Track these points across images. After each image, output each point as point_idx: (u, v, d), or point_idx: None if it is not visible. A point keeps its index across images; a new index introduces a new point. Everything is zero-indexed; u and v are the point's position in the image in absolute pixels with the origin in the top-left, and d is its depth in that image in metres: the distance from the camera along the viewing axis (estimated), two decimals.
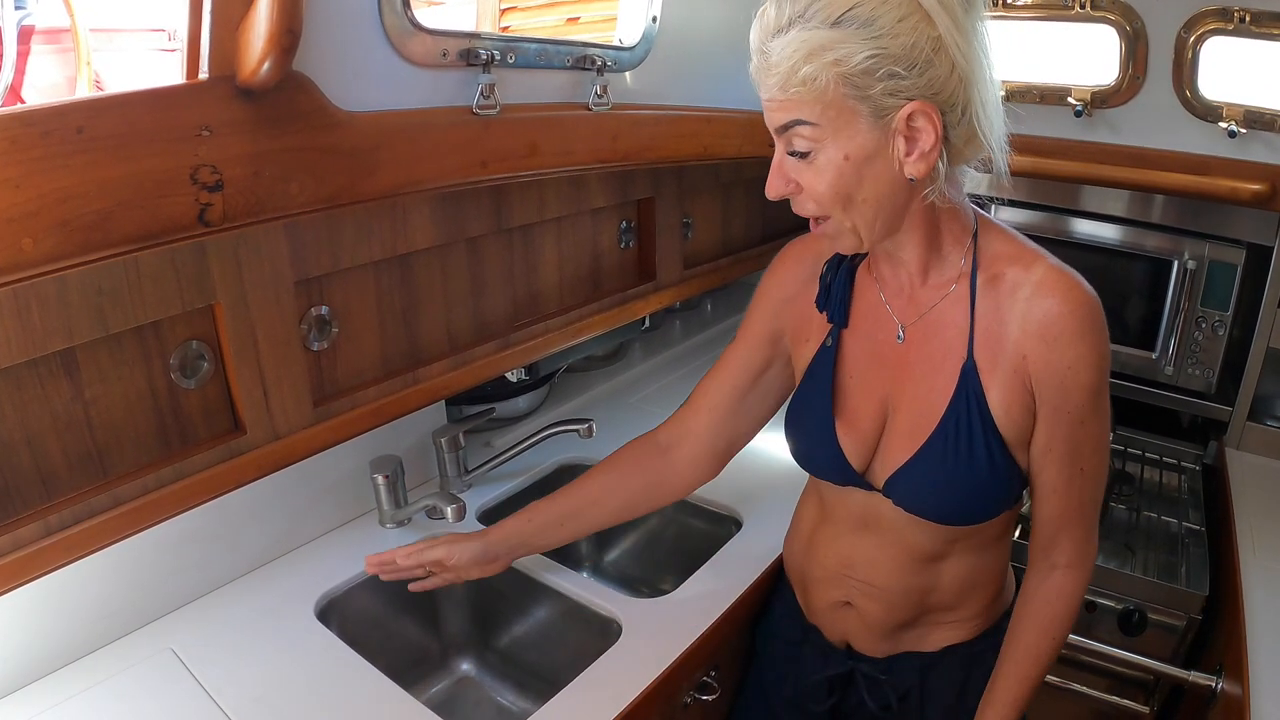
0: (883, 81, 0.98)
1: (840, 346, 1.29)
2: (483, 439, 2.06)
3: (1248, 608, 1.64)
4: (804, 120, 1.03)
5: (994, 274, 1.15)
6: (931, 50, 0.98)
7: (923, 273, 1.19)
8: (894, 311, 1.24)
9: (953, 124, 1.02)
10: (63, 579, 1.24)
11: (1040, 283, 1.12)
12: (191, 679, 1.35)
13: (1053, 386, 1.12)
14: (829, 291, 1.29)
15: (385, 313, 1.55)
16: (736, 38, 1.94)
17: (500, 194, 1.65)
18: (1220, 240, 2.22)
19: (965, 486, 1.18)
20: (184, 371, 1.28)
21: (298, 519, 1.66)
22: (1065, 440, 1.16)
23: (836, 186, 1.06)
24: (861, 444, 1.26)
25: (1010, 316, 1.13)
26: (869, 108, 1.00)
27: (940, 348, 1.19)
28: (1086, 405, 1.13)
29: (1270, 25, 1.87)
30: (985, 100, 1.03)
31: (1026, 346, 1.12)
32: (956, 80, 1.00)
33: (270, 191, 1.16)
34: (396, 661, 1.61)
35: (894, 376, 1.24)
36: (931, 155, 1.02)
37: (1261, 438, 2.29)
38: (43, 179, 0.94)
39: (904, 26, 0.96)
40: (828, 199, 1.08)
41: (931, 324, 1.20)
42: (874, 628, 1.38)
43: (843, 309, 1.28)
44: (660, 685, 1.36)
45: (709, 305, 3.13)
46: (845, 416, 1.27)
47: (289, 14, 1.01)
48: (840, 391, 1.28)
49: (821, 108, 1.01)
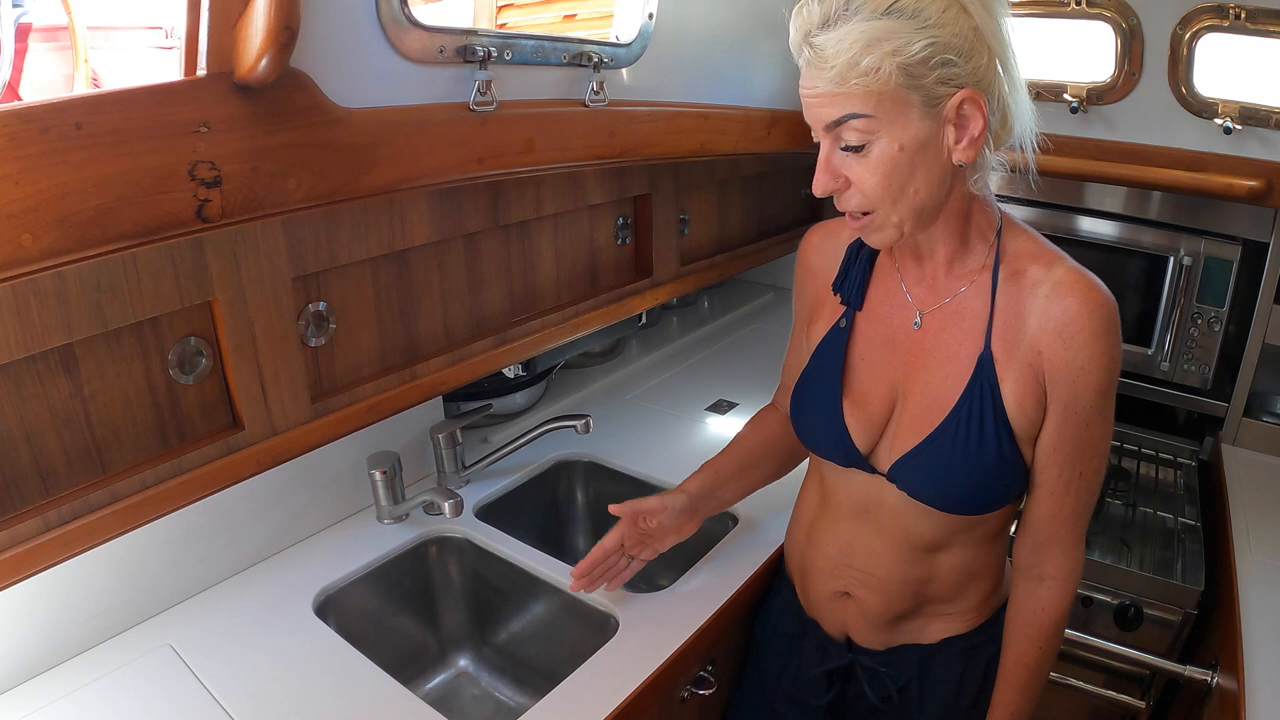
0: (936, 70, 1.00)
1: (853, 329, 1.31)
2: (480, 435, 2.07)
3: (1243, 603, 1.65)
4: (858, 114, 1.02)
5: (1016, 269, 1.17)
6: (974, 39, 1.01)
7: (948, 262, 1.21)
8: (913, 299, 1.26)
9: (992, 111, 1.06)
10: (61, 575, 1.25)
11: (1060, 282, 1.13)
12: (190, 674, 1.35)
13: (1065, 384, 1.14)
14: (847, 275, 1.32)
15: (383, 309, 1.55)
16: (732, 35, 1.97)
17: (498, 190, 1.66)
18: (1216, 236, 2.23)
19: (973, 475, 1.19)
20: (182, 368, 1.28)
21: (296, 515, 1.66)
22: (1071, 441, 1.17)
23: (890, 178, 1.06)
24: (868, 426, 1.28)
25: (1029, 311, 1.15)
26: (921, 97, 1.02)
27: (957, 336, 1.21)
28: (1094, 407, 1.15)
29: (1266, 22, 1.87)
30: (1016, 86, 1.08)
31: (1043, 343, 1.14)
32: (995, 69, 1.04)
33: (268, 188, 1.16)
34: (394, 657, 1.62)
35: (907, 362, 1.25)
36: (979, 141, 1.05)
37: (1257, 433, 2.31)
38: (42, 175, 0.94)
39: (948, 16, 0.99)
40: (879, 192, 1.08)
41: (951, 312, 1.22)
42: (872, 619, 1.39)
43: (859, 292, 1.30)
44: (657, 679, 1.37)
45: (706, 302, 3.14)
46: (853, 398, 1.29)
47: (286, 11, 1.01)
48: (850, 373, 1.30)
49: (877, 100, 1.01)
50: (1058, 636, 1.30)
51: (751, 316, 3.11)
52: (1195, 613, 1.95)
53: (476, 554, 1.74)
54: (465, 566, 1.78)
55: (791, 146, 2.31)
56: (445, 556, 1.77)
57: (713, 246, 2.44)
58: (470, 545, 1.75)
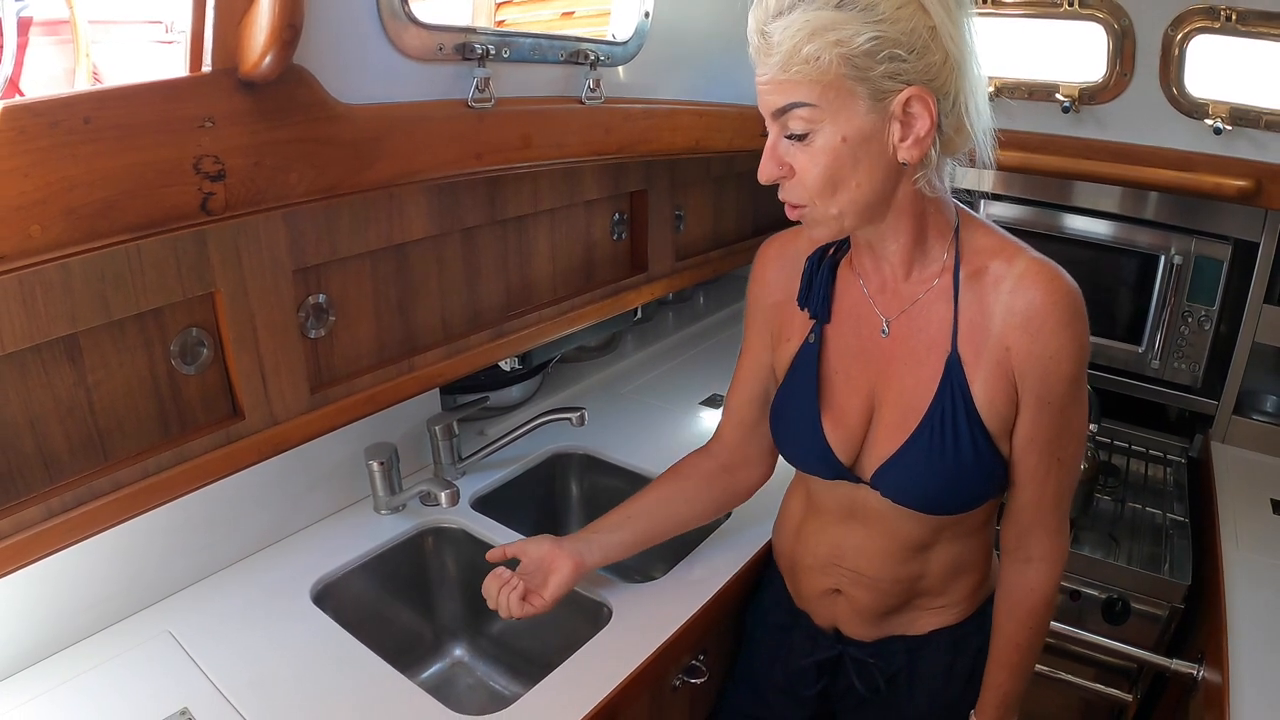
0: (883, 64, 1.00)
1: (824, 342, 1.30)
2: (476, 427, 2.08)
3: (1229, 598, 1.67)
4: (803, 102, 1.03)
5: (977, 267, 1.16)
6: (929, 38, 1.00)
7: (906, 265, 1.20)
8: (877, 306, 1.25)
9: (945, 112, 1.05)
10: (63, 562, 1.26)
11: (1023, 275, 1.12)
12: (189, 661, 1.37)
13: (1036, 376, 1.13)
14: (810, 287, 1.30)
15: (381, 301, 1.56)
16: (727, 32, 1.98)
17: (495, 185, 1.67)
18: (1206, 236, 2.25)
19: (951, 477, 1.20)
20: (184, 358, 1.29)
21: (294, 505, 1.68)
22: (1047, 430, 1.17)
23: (831, 169, 1.06)
24: (848, 438, 1.28)
25: (994, 309, 1.14)
26: (868, 90, 1.01)
27: (925, 341, 1.20)
28: (1068, 394, 1.15)
29: (1256, 24, 1.89)
30: (974, 91, 1.06)
31: (1010, 338, 1.13)
32: (950, 69, 1.03)
33: (271, 181, 1.18)
34: (391, 646, 1.63)
35: (879, 370, 1.25)
36: (925, 141, 1.04)
37: (1246, 431, 2.32)
38: (51, 168, 0.96)
39: (903, 13, 0.99)
40: (819, 183, 1.08)
41: (916, 317, 1.21)
42: (863, 614, 1.40)
43: (825, 305, 1.29)
44: (649, 668, 1.39)
45: (700, 297, 3.15)
46: (831, 412, 1.29)
47: (290, 9, 1.03)
48: (825, 387, 1.30)
49: (821, 89, 1.02)
50: (1046, 616, 1.31)
51: None
52: (1182, 607, 1.97)
53: (472, 544, 1.75)
54: (461, 557, 1.79)
55: None
56: (441, 546, 1.79)
57: (707, 242, 2.45)
58: (466, 536, 1.77)
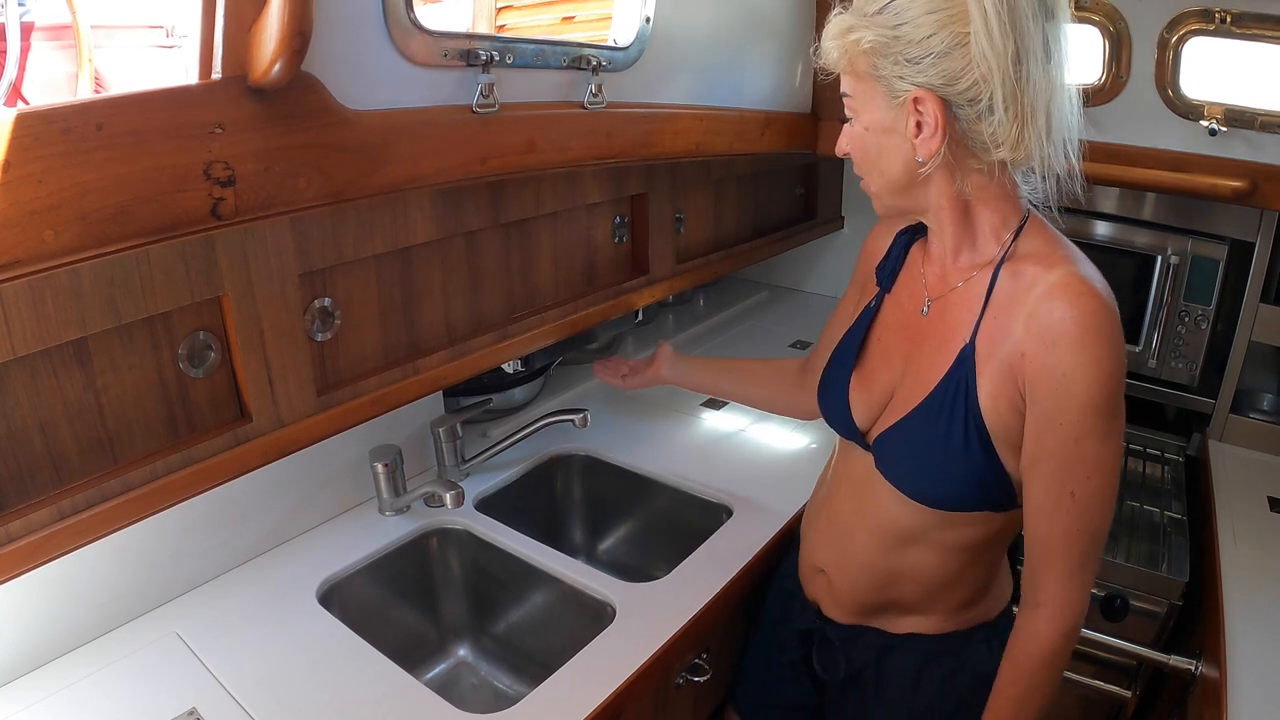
0: (894, 65, 1.07)
1: (879, 310, 1.38)
2: (480, 429, 2.09)
3: (1226, 594, 1.68)
4: (844, 92, 1.18)
5: (1017, 269, 1.15)
6: (952, 45, 1.03)
7: (955, 254, 1.24)
8: (928, 286, 1.30)
9: (967, 118, 1.07)
10: (71, 564, 1.27)
11: (1054, 284, 1.10)
12: (197, 662, 1.38)
13: (1044, 391, 1.10)
14: (888, 258, 1.39)
15: (386, 305, 1.57)
16: (728, 37, 2.00)
17: (498, 189, 1.68)
18: (1203, 236, 2.27)
19: (938, 464, 1.21)
20: (192, 361, 1.30)
21: (300, 506, 1.69)
22: (1055, 456, 1.12)
23: (861, 152, 1.20)
24: (869, 403, 1.33)
25: (1020, 312, 1.12)
26: (884, 87, 1.10)
27: (950, 327, 1.23)
28: (1082, 423, 1.09)
29: (1251, 26, 1.90)
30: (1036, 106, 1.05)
31: (1027, 345, 1.11)
32: (975, 77, 1.03)
33: (280, 186, 1.19)
34: (396, 646, 1.64)
35: (912, 346, 1.29)
36: (933, 141, 1.09)
37: (1243, 430, 2.34)
38: (64, 174, 0.97)
39: (928, 19, 1.03)
40: (857, 163, 1.22)
41: (952, 303, 1.24)
42: (840, 601, 1.44)
43: (890, 277, 1.37)
44: (652, 666, 1.40)
45: (701, 299, 3.16)
46: (863, 374, 1.35)
47: (300, 17, 1.04)
48: (865, 351, 1.37)
49: (854, 80, 1.15)
50: (1045, 677, 1.22)
51: (746, 314, 3.14)
52: (1180, 604, 1.98)
53: (476, 545, 1.77)
54: (465, 557, 1.81)
55: (785, 147, 2.34)
56: (445, 547, 1.80)
57: (708, 245, 2.46)
58: (470, 536, 1.78)
